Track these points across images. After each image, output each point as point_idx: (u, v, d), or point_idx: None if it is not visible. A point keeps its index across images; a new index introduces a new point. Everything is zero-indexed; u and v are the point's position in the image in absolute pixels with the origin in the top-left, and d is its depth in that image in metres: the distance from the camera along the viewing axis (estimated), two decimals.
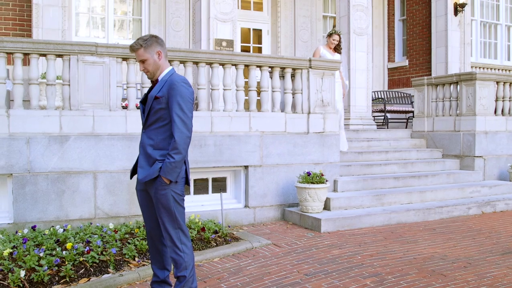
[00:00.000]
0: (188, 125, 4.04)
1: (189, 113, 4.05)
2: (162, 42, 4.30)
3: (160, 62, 4.23)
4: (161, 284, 4.50)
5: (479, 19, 16.22)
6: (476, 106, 10.28)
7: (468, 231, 7.51)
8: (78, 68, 6.99)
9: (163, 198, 4.11)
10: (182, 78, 4.15)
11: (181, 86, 4.07)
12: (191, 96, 4.10)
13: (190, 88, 4.13)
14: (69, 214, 6.83)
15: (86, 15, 12.60)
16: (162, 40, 4.33)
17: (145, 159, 4.17)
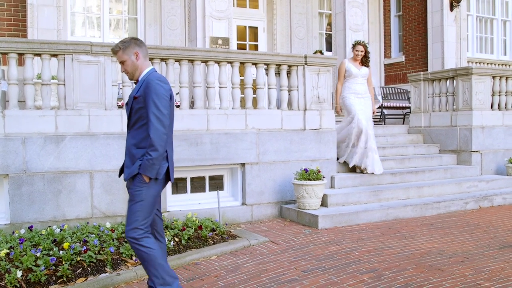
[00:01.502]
0: (164, 122, 4.10)
1: (164, 110, 4.10)
2: (141, 43, 4.37)
3: (138, 63, 4.32)
4: None
5: (475, 14, 16.21)
6: (472, 101, 10.28)
7: (465, 226, 7.52)
8: (73, 67, 6.97)
9: (135, 195, 4.18)
10: (157, 76, 4.22)
11: (156, 84, 4.13)
12: (166, 94, 4.15)
13: (165, 85, 4.20)
14: (66, 214, 6.82)
15: (82, 14, 12.58)
16: (142, 41, 4.41)
17: (129, 158, 4.27)
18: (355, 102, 9.07)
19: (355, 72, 9.17)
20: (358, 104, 9.06)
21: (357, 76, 9.18)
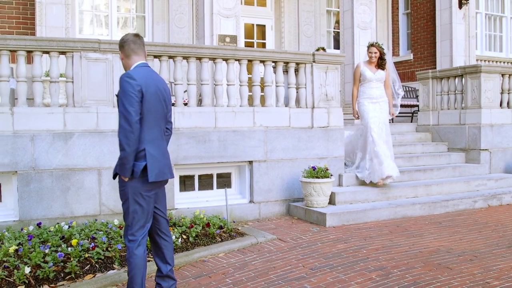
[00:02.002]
0: (129, 120, 3.97)
1: (129, 107, 3.97)
2: (124, 43, 4.33)
3: (123, 62, 4.37)
4: (165, 279, 4.50)
5: (484, 12, 16.13)
6: (481, 99, 10.22)
7: (474, 224, 7.48)
8: (81, 65, 6.99)
9: (121, 194, 4.22)
10: (127, 73, 4.14)
11: (123, 80, 4.08)
12: (132, 90, 4.01)
13: (133, 81, 4.04)
14: (74, 211, 6.84)
15: (90, 12, 12.60)
16: (125, 40, 4.34)
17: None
18: (369, 109, 8.68)
19: (369, 76, 8.77)
20: (372, 110, 8.66)
21: (371, 80, 8.78)
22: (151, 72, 4.28)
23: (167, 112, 4.40)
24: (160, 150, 4.25)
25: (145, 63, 4.34)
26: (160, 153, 4.24)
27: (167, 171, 4.29)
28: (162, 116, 4.28)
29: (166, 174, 4.28)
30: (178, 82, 7.69)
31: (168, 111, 4.42)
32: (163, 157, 4.27)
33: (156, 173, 4.17)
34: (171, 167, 4.41)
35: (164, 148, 4.34)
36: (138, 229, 4.18)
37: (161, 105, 4.26)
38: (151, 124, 4.16)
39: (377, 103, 8.76)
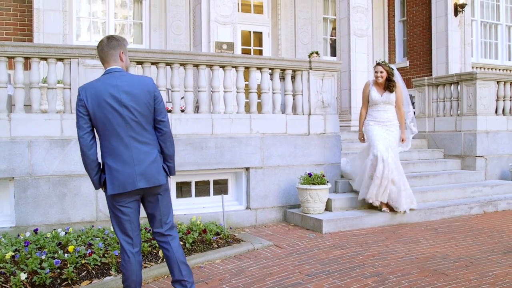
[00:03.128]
0: (78, 135, 4.07)
1: (76, 123, 4.06)
2: (97, 52, 4.29)
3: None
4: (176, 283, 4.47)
5: (480, 19, 16.22)
6: (477, 106, 10.27)
7: (469, 231, 7.50)
8: (78, 71, 7.00)
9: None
10: (80, 87, 4.11)
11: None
12: (77, 106, 4.04)
13: (78, 97, 4.04)
14: (71, 217, 6.84)
15: (87, 19, 12.63)
16: (97, 49, 4.27)
17: None
18: (374, 128, 8.02)
19: (375, 98, 8.10)
20: (377, 130, 8.00)
21: (378, 103, 8.10)
22: (113, 79, 4.06)
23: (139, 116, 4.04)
24: (120, 160, 4.02)
25: (111, 69, 4.14)
26: (120, 163, 4.02)
27: (132, 180, 4.01)
28: (121, 124, 4.00)
29: (131, 184, 4.01)
30: (175, 89, 7.71)
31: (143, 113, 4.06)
32: (125, 167, 4.02)
33: (117, 185, 4.01)
34: (147, 174, 4.05)
35: (129, 156, 4.03)
36: (121, 237, 4.16)
37: (117, 112, 3.98)
38: (106, 136, 4.03)
39: (384, 125, 8.08)
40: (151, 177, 4.07)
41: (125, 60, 4.26)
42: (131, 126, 4.02)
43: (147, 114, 4.09)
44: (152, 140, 4.15)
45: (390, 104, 8.11)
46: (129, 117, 4.01)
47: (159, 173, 4.13)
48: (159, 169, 4.13)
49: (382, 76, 7.97)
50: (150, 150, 4.11)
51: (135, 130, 4.04)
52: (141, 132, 4.07)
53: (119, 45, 4.21)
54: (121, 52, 4.21)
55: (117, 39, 4.24)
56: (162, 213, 4.28)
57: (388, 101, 8.08)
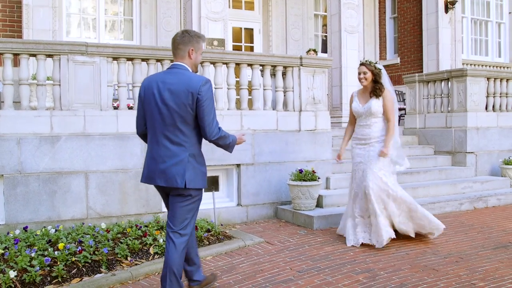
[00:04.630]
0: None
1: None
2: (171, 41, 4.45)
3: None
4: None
5: (470, 16, 16.27)
6: (467, 102, 10.31)
7: (460, 226, 7.54)
8: (68, 68, 6.96)
9: None
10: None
11: None
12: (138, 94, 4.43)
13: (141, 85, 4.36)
14: (61, 214, 6.81)
15: (77, 15, 12.56)
16: (172, 39, 4.37)
17: None
18: (354, 154, 6.73)
19: (355, 109, 6.70)
20: (356, 156, 6.68)
21: (360, 116, 6.67)
22: (172, 76, 4.11)
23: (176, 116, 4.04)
24: (150, 154, 4.20)
25: (173, 64, 4.24)
26: (150, 157, 4.20)
27: (156, 176, 4.14)
28: (159, 120, 4.10)
29: (152, 179, 4.18)
30: None
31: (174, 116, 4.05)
32: (153, 161, 4.16)
33: (144, 175, 4.27)
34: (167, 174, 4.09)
35: (157, 154, 4.14)
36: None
37: (157, 108, 4.09)
38: (149, 128, 4.22)
39: (363, 147, 6.62)
40: (170, 178, 4.09)
41: (194, 58, 4.26)
42: (166, 124, 4.07)
43: (185, 115, 4.04)
44: (186, 141, 4.11)
45: (374, 117, 6.51)
46: (167, 116, 4.05)
47: (179, 176, 4.07)
48: (180, 172, 4.07)
49: (366, 77, 6.47)
50: (179, 152, 4.09)
51: (169, 129, 4.08)
52: (175, 132, 4.07)
53: (190, 41, 4.21)
54: (191, 48, 4.21)
55: (190, 35, 4.25)
56: (177, 215, 4.24)
57: (371, 112, 6.49)
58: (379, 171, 6.44)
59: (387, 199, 6.42)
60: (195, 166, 4.13)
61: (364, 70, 6.48)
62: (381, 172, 6.46)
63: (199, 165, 4.18)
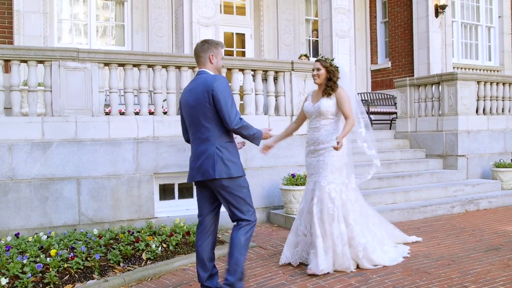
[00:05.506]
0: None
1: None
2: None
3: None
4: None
5: (460, 20, 16.37)
6: (458, 105, 10.38)
7: (451, 230, 7.57)
8: (59, 74, 6.96)
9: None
10: None
11: None
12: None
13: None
14: (53, 220, 6.79)
15: (69, 21, 12.54)
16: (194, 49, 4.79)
17: None
18: (307, 165, 5.96)
19: (306, 108, 5.96)
20: (308, 166, 5.92)
21: (310, 116, 5.93)
22: (195, 81, 4.58)
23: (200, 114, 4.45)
24: (192, 153, 4.59)
25: (198, 71, 4.65)
26: (192, 155, 4.59)
27: (195, 173, 4.52)
28: (191, 123, 4.55)
29: (193, 177, 4.56)
30: (157, 91, 7.70)
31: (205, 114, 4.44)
32: (194, 159, 4.55)
33: (189, 175, 4.66)
34: (202, 169, 4.45)
35: (194, 152, 4.55)
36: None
37: (188, 112, 4.53)
38: (188, 132, 4.68)
39: (314, 153, 5.78)
40: (204, 171, 4.45)
41: (215, 63, 4.66)
42: (195, 124, 4.51)
43: (206, 111, 4.42)
44: (212, 136, 4.47)
45: (324, 118, 5.74)
46: (195, 116, 4.49)
47: (211, 168, 4.41)
48: (211, 164, 4.42)
49: (319, 74, 5.74)
50: (208, 147, 4.46)
51: (198, 128, 4.50)
52: (202, 129, 4.48)
53: (209, 48, 4.63)
54: (211, 55, 4.62)
55: (209, 43, 4.68)
56: (229, 206, 4.62)
57: (320, 112, 5.73)
58: (327, 185, 5.58)
59: (331, 220, 5.52)
60: (222, 157, 4.44)
61: (318, 67, 5.79)
62: (331, 186, 5.58)
63: (226, 155, 4.48)
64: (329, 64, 5.80)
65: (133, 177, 7.29)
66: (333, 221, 5.52)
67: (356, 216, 5.69)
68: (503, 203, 9.59)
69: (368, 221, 5.95)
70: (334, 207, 5.55)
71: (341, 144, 5.30)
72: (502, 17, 17.09)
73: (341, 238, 5.51)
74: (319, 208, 5.56)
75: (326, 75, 5.75)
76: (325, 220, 5.51)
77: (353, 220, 5.63)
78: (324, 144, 5.64)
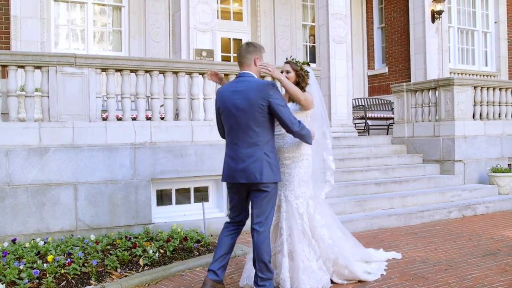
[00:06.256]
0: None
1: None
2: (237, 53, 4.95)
3: None
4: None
5: (456, 26, 16.44)
6: (454, 111, 10.40)
7: (449, 235, 7.58)
8: (57, 79, 6.95)
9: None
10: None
11: None
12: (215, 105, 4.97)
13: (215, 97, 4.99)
14: (50, 226, 6.77)
15: (66, 27, 12.55)
16: (238, 50, 4.91)
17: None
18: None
19: None
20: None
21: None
22: (241, 83, 4.64)
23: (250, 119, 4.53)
24: (231, 155, 4.68)
25: (240, 73, 4.75)
26: (230, 158, 4.68)
27: (237, 175, 4.60)
28: (235, 125, 4.61)
29: (235, 178, 4.63)
30: (154, 96, 7.70)
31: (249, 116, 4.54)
32: (233, 162, 4.64)
33: (225, 175, 4.75)
34: (247, 171, 4.54)
35: (236, 154, 4.61)
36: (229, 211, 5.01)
37: (232, 114, 4.60)
38: (227, 132, 4.75)
39: (282, 164, 5.15)
40: (249, 175, 4.54)
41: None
42: (242, 127, 4.57)
43: (258, 116, 4.53)
44: (261, 141, 4.58)
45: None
46: (241, 120, 4.56)
47: (259, 172, 4.53)
48: (258, 169, 4.53)
49: (288, 77, 5.21)
50: (255, 151, 4.56)
51: (245, 131, 4.56)
52: (250, 133, 4.56)
53: (255, 51, 4.76)
54: (256, 57, 4.74)
55: (254, 46, 4.82)
56: (257, 210, 4.67)
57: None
58: (295, 200, 5.11)
59: (301, 238, 5.09)
60: (270, 162, 4.58)
61: (288, 69, 5.28)
62: (299, 201, 5.13)
63: (273, 161, 4.64)
64: (300, 68, 5.30)
65: (130, 183, 7.28)
66: (303, 239, 5.09)
67: (324, 232, 5.27)
68: (500, 208, 9.61)
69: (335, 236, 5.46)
70: (303, 223, 5.12)
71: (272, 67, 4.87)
72: (498, 22, 17.18)
73: (313, 252, 5.11)
74: (287, 225, 5.09)
75: (295, 78, 5.25)
76: (295, 236, 5.05)
77: (318, 235, 5.21)
78: (290, 154, 5.14)
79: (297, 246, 5.02)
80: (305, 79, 5.31)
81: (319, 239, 5.20)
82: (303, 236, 5.10)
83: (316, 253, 5.12)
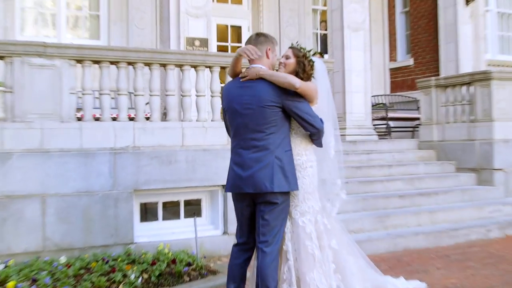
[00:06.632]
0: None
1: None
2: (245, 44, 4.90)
3: None
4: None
5: (495, 9, 16.39)
6: (492, 110, 10.31)
7: (488, 258, 7.50)
8: (23, 72, 6.89)
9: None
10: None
11: None
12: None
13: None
14: (12, 247, 6.68)
15: (34, 10, 12.53)
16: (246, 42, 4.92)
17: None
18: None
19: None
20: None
21: None
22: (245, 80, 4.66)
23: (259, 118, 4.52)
24: (237, 161, 4.63)
25: (252, 66, 4.71)
26: (236, 164, 4.63)
27: (242, 184, 4.53)
28: (242, 125, 4.59)
29: (241, 187, 4.55)
30: (139, 92, 7.64)
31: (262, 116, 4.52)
32: (239, 168, 4.58)
33: (230, 184, 4.69)
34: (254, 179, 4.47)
35: (243, 159, 4.56)
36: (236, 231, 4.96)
37: (239, 113, 4.59)
38: (232, 133, 4.75)
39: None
40: (257, 183, 4.48)
41: (272, 58, 4.80)
42: (249, 129, 4.56)
43: (269, 115, 4.52)
44: (272, 144, 4.53)
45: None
46: (250, 120, 4.54)
47: (268, 180, 4.46)
48: (268, 176, 4.47)
49: (286, 64, 4.97)
50: (265, 155, 4.51)
51: (253, 133, 4.55)
52: (260, 135, 4.54)
53: (266, 42, 4.80)
54: (268, 48, 4.77)
55: (265, 36, 4.86)
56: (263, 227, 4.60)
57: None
58: (300, 217, 4.88)
59: (312, 263, 4.84)
60: (282, 167, 4.52)
61: (288, 54, 5.03)
62: (306, 218, 4.89)
63: (287, 165, 4.56)
64: (302, 55, 4.99)
65: (109, 195, 7.20)
66: (314, 263, 4.83)
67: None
68: None
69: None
70: (312, 244, 4.85)
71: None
72: None
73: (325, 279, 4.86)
74: (292, 246, 4.88)
75: (294, 66, 4.95)
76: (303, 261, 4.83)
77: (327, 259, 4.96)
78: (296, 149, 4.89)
79: (307, 275, 4.77)
80: (306, 70, 4.96)
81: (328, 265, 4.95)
82: (313, 261, 4.83)
83: (327, 279, 4.87)
